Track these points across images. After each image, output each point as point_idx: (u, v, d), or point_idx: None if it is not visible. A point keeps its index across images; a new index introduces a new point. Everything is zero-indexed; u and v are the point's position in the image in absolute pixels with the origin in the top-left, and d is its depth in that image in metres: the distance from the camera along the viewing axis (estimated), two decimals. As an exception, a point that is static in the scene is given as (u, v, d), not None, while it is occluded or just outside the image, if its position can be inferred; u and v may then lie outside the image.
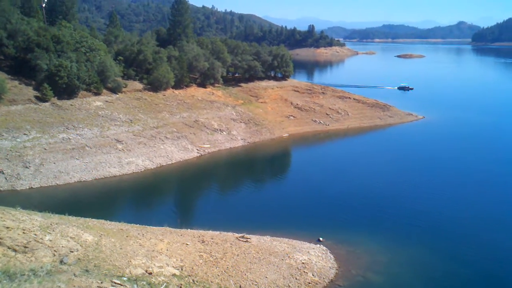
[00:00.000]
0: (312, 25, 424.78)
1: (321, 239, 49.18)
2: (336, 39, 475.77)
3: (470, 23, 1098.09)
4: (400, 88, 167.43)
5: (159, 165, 73.36)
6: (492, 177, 72.01)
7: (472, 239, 50.40)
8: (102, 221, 44.35)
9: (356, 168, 77.41)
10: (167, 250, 38.65)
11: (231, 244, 43.97)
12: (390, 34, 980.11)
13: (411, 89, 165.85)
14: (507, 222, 55.26)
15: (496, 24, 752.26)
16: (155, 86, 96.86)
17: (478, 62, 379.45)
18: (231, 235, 46.77)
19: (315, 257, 44.59)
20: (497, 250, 47.99)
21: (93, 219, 43.87)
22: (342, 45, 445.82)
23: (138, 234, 40.77)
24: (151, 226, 46.01)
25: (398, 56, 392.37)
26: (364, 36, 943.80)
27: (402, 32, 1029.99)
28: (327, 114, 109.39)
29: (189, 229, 47.56)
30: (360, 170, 75.66)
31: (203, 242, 43.21)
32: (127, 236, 38.83)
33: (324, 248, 47.11)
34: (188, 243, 41.88)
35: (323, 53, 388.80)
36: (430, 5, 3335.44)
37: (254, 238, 46.65)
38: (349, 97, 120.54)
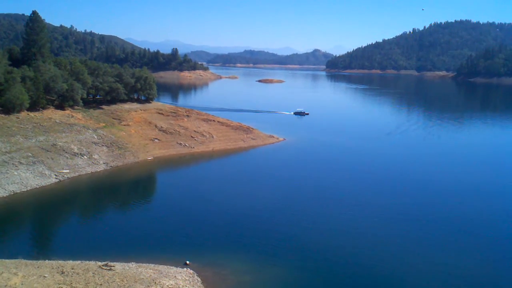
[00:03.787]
0: (176, 48, 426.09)
1: (187, 262, 48.84)
2: (199, 63, 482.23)
3: (325, 51, 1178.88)
4: (296, 113, 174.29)
5: (12, 193, 67.94)
6: (349, 194, 77.03)
7: (333, 251, 53.29)
8: None
9: (220, 190, 78.33)
10: (22, 284, 35.82)
11: (93, 273, 41.98)
12: (252, 60, 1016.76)
13: (307, 114, 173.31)
14: (368, 235, 59.21)
15: (347, 52, 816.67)
16: (7, 108, 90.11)
17: (334, 87, 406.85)
18: (93, 264, 44.67)
19: (182, 281, 44.11)
20: (361, 262, 51.18)
21: None
22: (206, 69, 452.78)
23: (-12, 268, 37.32)
24: (2, 259, 42.43)
25: (260, 81, 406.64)
26: (227, 60, 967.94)
27: (263, 58, 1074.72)
28: (192, 136, 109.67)
29: (47, 260, 44.63)
30: (224, 192, 76.74)
31: (62, 273, 40.74)
32: (-26, 272, 35.37)
33: (191, 271, 46.84)
34: (46, 275, 39.21)
35: (187, 76, 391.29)
36: (288, 33, 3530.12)
37: (118, 266, 44.98)
38: (214, 120, 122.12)
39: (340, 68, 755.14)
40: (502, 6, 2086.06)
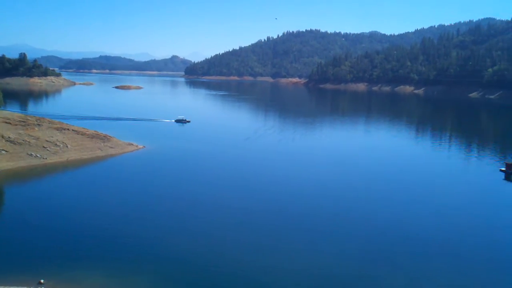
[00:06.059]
0: (24, 53, 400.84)
1: (41, 281, 45.81)
2: (51, 68, 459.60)
3: (183, 58, 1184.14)
4: (178, 121, 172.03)
5: None
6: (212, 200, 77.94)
7: (198, 255, 53.41)
8: None
9: (74, 202, 74.47)
10: None
11: None
12: (108, 66, 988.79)
13: (188, 121, 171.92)
14: (228, 237, 60.16)
15: (205, 59, 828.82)
16: None
17: (194, 94, 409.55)
18: None
19: (36, 301, 41.39)
20: (228, 263, 51.78)
21: None
22: (58, 75, 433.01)
23: None
24: None
25: (117, 87, 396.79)
26: (81, 66, 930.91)
27: (120, 64, 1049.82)
28: (44, 147, 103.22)
29: None
30: (78, 204, 73.14)
31: None
32: None
33: (46, 290, 44.13)
34: None
35: (38, 82, 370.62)
36: (145, 39, 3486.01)
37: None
38: (68, 129, 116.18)
39: (199, 74, 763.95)
40: (347, 17, 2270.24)
